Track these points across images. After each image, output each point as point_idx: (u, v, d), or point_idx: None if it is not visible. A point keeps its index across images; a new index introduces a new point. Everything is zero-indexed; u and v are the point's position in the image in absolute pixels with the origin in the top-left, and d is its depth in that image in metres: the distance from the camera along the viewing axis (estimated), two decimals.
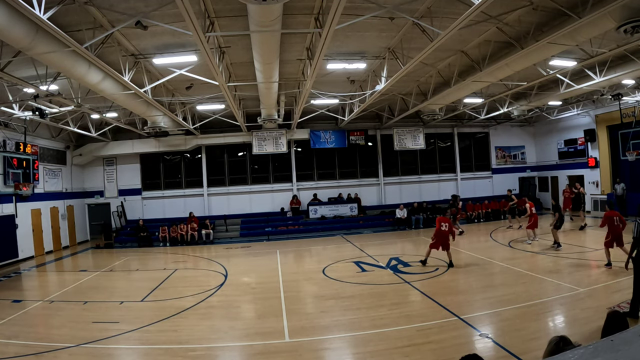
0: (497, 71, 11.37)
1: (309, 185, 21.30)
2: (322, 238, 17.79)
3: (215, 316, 7.84)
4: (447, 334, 6.19)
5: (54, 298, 9.41)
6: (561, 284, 8.27)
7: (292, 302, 8.45)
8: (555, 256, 10.97)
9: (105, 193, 20.29)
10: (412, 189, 21.96)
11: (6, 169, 13.64)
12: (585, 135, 19.53)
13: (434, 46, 8.45)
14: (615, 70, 12.42)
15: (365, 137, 21.05)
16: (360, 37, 10.00)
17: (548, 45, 9.38)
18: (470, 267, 10.82)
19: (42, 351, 6.11)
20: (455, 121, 21.62)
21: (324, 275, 10.58)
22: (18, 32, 6.68)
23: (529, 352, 5.17)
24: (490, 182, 22.93)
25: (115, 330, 6.98)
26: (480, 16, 7.81)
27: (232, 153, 21.18)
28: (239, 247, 16.71)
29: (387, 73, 11.33)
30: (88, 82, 9.70)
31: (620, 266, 8.25)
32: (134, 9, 7.45)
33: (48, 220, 16.75)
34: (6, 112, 12.37)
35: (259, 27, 7.13)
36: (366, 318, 7.11)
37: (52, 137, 17.49)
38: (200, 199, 20.47)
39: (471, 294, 8.47)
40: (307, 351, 5.94)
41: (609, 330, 3.00)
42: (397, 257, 12.16)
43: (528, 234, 13.29)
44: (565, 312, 6.85)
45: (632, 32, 8.13)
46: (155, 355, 6.08)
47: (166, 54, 10.04)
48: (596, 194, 19.42)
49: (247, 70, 11.79)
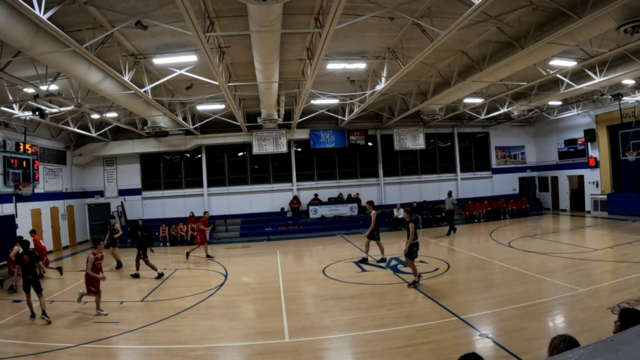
0: (497, 71, 11.36)
1: (309, 185, 21.30)
2: (322, 238, 17.79)
3: (215, 316, 7.85)
4: (447, 334, 6.19)
5: (53, 298, 9.41)
6: (561, 284, 8.26)
7: (292, 302, 8.45)
8: (556, 256, 10.96)
9: (105, 193, 20.30)
10: (412, 189, 21.96)
11: (6, 169, 13.64)
12: (585, 135, 19.53)
13: (434, 46, 8.45)
14: (615, 70, 12.41)
15: (365, 137, 21.05)
16: (360, 37, 9.99)
17: (548, 45, 9.37)
18: (470, 267, 10.83)
19: (42, 351, 6.12)
20: (455, 121, 21.61)
21: (324, 275, 10.59)
22: (18, 32, 6.68)
23: (529, 352, 5.17)
24: (490, 182, 22.93)
25: (115, 330, 6.99)
26: (480, 16, 7.82)
27: (232, 153, 21.18)
28: (239, 247, 16.72)
29: (387, 73, 11.33)
30: (88, 82, 9.70)
31: (621, 265, 8.24)
32: (134, 9, 7.45)
33: (48, 220, 16.75)
34: (6, 112, 12.37)
35: (259, 27, 7.13)
36: (366, 318, 7.11)
37: (52, 137, 17.49)
38: (200, 199, 20.47)
39: (471, 294, 8.46)
40: (307, 351, 5.95)
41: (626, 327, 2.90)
42: (397, 257, 12.15)
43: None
44: (565, 312, 6.85)
45: (632, 32, 8.14)
46: (155, 355, 6.08)
47: (166, 54, 10.04)
48: (596, 194, 19.43)
49: (247, 70, 11.79)
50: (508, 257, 11.40)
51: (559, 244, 12.87)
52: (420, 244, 9.56)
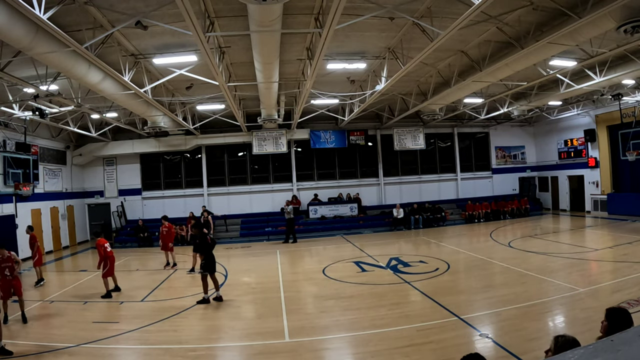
0: (497, 71, 11.36)
1: (309, 185, 21.30)
2: (322, 238, 17.79)
3: (215, 316, 7.85)
4: (447, 334, 6.19)
5: (54, 298, 9.41)
6: (561, 284, 8.26)
7: (292, 302, 8.45)
8: (556, 256, 10.96)
9: (105, 193, 20.29)
10: (412, 189, 21.96)
11: (6, 169, 13.63)
12: (585, 135, 19.53)
13: (434, 46, 8.45)
14: (615, 70, 12.41)
15: (365, 137, 21.05)
16: (360, 37, 10.00)
17: (548, 45, 9.37)
18: (470, 267, 10.83)
19: (42, 351, 6.12)
20: (455, 121, 21.61)
21: (324, 275, 10.58)
22: (18, 32, 6.68)
23: (529, 352, 5.17)
24: (490, 182, 22.93)
25: (115, 330, 6.99)
26: (480, 16, 7.82)
27: (232, 153, 21.18)
28: (239, 247, 16.72)
29: (387, 73, 11.33)
30: (88, 82, 9.70)
31: (621, 265, 8.24)
32: (134, 9, 7.45)
33: (48, 220, 16.75)
34: (6, 112, 12.37)
35: (259, 27, 7.13)
36: (366, 318, 7.11)
37: (52, 137, 17.49)
38: (200, 199, 20.45)
39: (471, 294, 8.47)
40: (307, 351, 5.94)
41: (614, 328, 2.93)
42: (397, 257, 12.16)
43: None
44: (565, 312, 6.85)
45: (632, 32, 8.13)
46: (155, 355, 6.08)
47: (166, 54, 10.04)
48: (596, 194, 19.43)
49: (247, 70, 11.79)
50: (508, 257, 11.41)
51: (559, 244, 12.87)
52: (421, 244, 9.55)
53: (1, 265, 7.47)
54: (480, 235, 16.21)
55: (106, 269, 9.34)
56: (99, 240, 9.54)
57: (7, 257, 7.55)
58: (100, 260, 9.37)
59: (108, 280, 9.40)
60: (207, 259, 8.69)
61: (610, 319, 3.13)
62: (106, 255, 9.32)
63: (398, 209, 19.17)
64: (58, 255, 16.30)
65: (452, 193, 22.38)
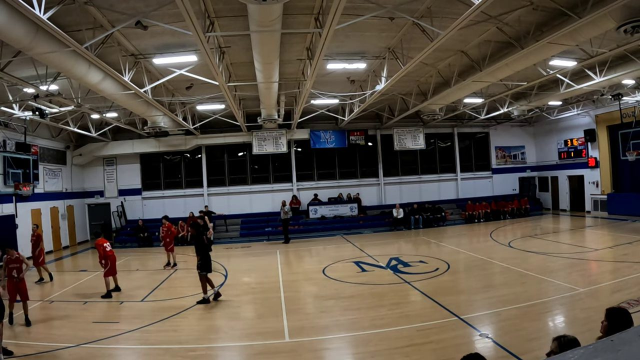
0: (497, 71, 11.36)
1: (309, 185, 21.30)
2: (322, 238, 17.79)
3: (215, 316, 7.85)
4: (447, 334, 6.19)
5: (54, 298, 9.42)
6: (561, 284, 8.26)
7: (292, 302, 8.45)
8: (556, 256, 10.96)
9: (105, 193, 20.29)
10: (412, 189, 21.96)
11: (6, 169, 13.63)
12: (585, 135, 19.53)
13: (434, 46, 8.45)
14: (615, 70, 12.41)
15: (365, 137, 21.05)
16: (360, 37, 10.00)
17: (548, 45, 9.37)
18: (470, 267, 10.83)
19: (42, 351, 6.12)
20: (455, 121, 21.61)
21: (324, 275, 10.59)
22: (18, 32, 6.67)
23: (529, 352, 5.17)
24: (490, 182, 22.93)
25: (115, 330, 6.99)
26: (480, 16, 7.81)
27: (232, 153, 21.17)
28: (239, 247, 16.72)
29: (387, 73, 11.33)
30: (88, 82, 9.70)
31: (621, 265, 8.24)
32: (134, 9, 7.45)
33: (48, 220, 16.74)
34: (6, 112, 12.36)
35: (259, 27, 7.13)
36: (366, 318, 7.11)
37: (52, 137, 17.49)
38: (200, 199, 20.45)
39: (471, 294, 8.47)
40: (307, 351, 5.95)
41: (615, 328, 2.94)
42: (397, 257, 12.16)
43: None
44: (565, 312, 6.85)
45: (632, 32, 8.13)
46: (155, 355, 6.08)
47: (166, 54, 10.03)
48: (596, 194, 19.43)
49: (247, 70, 11.79)
50: (508, 257, 11.41)
51: (559, 244, 12.87)
52: (421, 244, 9.56)
53: (9, 266, 7.50)
54: (480, 235, 16.21)
55: (107, 268, 9.36)
56: (98, 240, 9.58)
57: (16, 258, 7.61)
58: (101, 259, 9.39)
59: (109, 280, 9.41)
60: (203, 258, 8.71)
61: (610, 319, 3.14)
62: (106, 254, 9.35)
63: (398, 209, 19.17)
64: (58, 255, 16.29)
65: (452, 193, 22.38)
